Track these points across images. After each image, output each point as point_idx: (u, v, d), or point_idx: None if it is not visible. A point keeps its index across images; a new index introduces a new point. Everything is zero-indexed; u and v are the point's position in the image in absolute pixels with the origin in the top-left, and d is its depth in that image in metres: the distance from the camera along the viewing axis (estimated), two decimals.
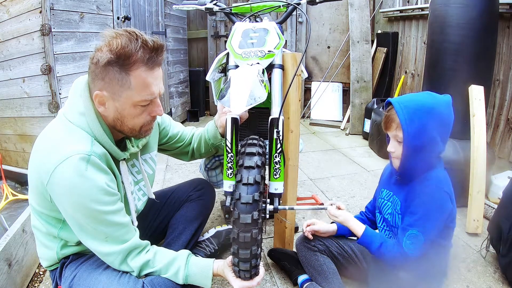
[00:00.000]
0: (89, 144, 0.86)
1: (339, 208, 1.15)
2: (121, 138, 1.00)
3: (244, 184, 0.94)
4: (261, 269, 1.03)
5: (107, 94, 0.87)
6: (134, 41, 0.83)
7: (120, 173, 0.98)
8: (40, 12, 1.86)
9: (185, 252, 1.05)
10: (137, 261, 0.95)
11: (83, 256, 1.02)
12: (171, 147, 1.32)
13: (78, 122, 0.89)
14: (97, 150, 0.87)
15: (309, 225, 1.27)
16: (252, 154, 0.99)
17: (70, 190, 0.83)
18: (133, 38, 0.83)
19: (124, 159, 0.99)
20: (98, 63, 0.83)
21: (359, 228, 1.10)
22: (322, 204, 1.87)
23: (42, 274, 1.38)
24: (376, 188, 1.28)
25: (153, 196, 1.19)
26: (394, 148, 1.07)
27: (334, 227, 1.26)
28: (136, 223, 1.07)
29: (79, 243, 0.97)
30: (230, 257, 0.99)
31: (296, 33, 3.99)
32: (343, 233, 1.26)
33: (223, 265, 1.03)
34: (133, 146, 1.03)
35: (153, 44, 0.85)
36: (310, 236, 1.25)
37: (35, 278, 1.35)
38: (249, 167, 0.96)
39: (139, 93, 0.87)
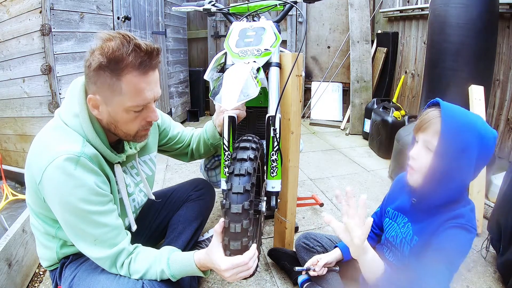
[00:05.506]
0: (80, 145, 0.85)
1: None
2: (118, 139, 0.99)
3: (236, 175, 0.93)
4: (253, 247, 0.94)
5: (99, 98, 0.85)
6: (126, 44, 0.80)
7: (115, 176, 0.96)
8: (40, 12, 1.86)
9: (165, 252, 0.98)
10: (124, 268, 0.93)
11: (83, 256, 1.01)
12: (171, 148, 1.32)
13: (71, 123, 0.88)
14: (87, 152, 0.86)
15: (315, 265, 1.15)
16: (246, 148, 0.99)
17: (58, 189, 0.82)
18: (125, 41, 0.80)
19: (119, 162, 0.98)
20: (90, 66, 0.81)
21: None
22: (322, 204, 1.88)
23: (42, 274, 1.38)
24: (384, 201, 1.16)
25: (153, 197, 1.19)
26: (418, 155, 0.89)
27: (338, 253, 1.17)
28: (134, 227, 1.05)
29: None
30: (218, 226, 0.93)
31: (296, 33, 3.99)
32: (349, 257, 1.14)
33: (206, 251, 0.95)
34: (130, 148, 1.03)
35: (146, 47, 0.82)
36: (325, 272, 1.16)
37: (35, 278, 1.35)
38: (242, 160, 0.96)
39: (131, 99, 0.85)
